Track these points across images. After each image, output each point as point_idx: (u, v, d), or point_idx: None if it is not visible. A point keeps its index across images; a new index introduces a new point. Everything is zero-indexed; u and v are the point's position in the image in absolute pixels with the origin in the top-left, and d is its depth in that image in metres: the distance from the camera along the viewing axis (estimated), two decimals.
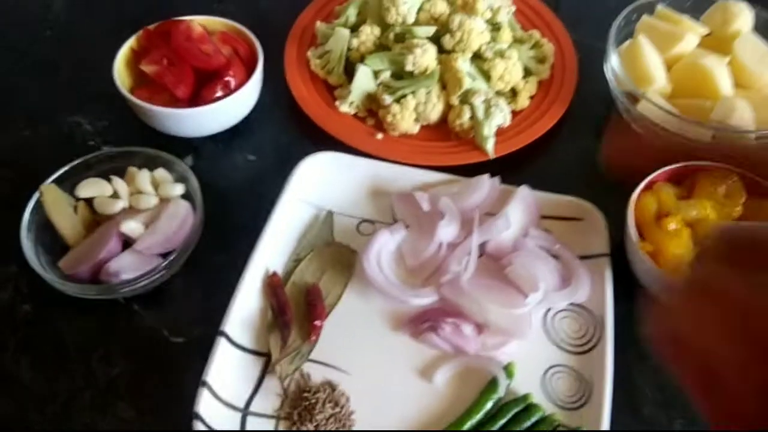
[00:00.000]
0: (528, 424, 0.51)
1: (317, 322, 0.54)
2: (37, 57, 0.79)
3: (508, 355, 0.54)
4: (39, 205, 0.58)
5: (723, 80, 0.66)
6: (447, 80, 0.70)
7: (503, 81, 0.70)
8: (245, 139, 0.71)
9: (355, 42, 0.72)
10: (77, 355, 0.54)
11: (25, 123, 0.71)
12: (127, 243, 0.58)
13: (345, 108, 0.71)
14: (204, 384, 0.50)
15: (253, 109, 0.71)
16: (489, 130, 0.67)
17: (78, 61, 0.78)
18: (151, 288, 0.56)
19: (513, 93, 0.72)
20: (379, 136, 0.69)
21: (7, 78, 0.77)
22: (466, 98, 0.69)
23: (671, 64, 0.69)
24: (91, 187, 0.59)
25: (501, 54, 0.71)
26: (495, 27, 0.74)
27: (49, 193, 0.57)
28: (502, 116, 0.68)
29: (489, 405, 0.51)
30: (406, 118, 0.69)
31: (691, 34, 0.70)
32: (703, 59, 0.67)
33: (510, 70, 0.70)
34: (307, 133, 0.70)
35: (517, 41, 0.76)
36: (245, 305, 0.55)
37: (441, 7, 0.73)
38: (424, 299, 0.56)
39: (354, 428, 0.51)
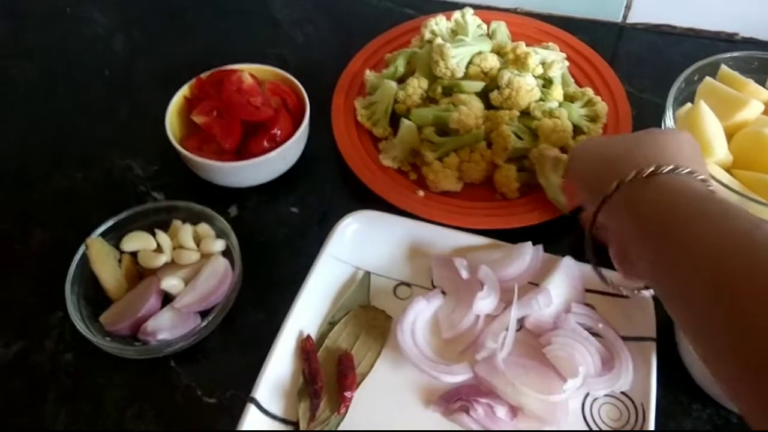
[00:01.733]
0: None
1: (347, 394, 0.54)
2: (95, 97, 0.82)
3: None
4: (85, 257, 0.59)
5: None
6: (492, 138, 0.69)
7: (551, 141, 0.68)
8: (289, 189, 0.71)
9: (401, 95, 0.72)
10: (113, 411, 0.55)
11: (79, 165, 0.74)
12: (167, 296, 0.59)
13: (388, 162, 0.70)
14: None
15: (299, 159, 0.72)
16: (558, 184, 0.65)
17: (134, 104, 0.80)
18: (188, 346, 0.57)
19: (562, 151, 0.70)
20: (421, 193, 0.68)
21: (65, 116, 0.80)
22: (513, 156, 0.68)
23: (733, 133, 0.65)
24: (136, 241, 0.60)
25: (550, 113, 0.69)
26: (546, 83, 0.72)
27: (95, 246, 0.59)
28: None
29: None
30: (448, 176, 0.68)
31: (756, 101, 0.66)
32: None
33: (558, 129, 0.68)
34: (351, 185, 0.70)
35: (569, 98, 0.73)
36: (277, 369, 0.55)
37: (492, 62, 0.72)
38: (458, 377, 0.55)
39: None
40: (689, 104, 0.68)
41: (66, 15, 0.93)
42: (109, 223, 0.61)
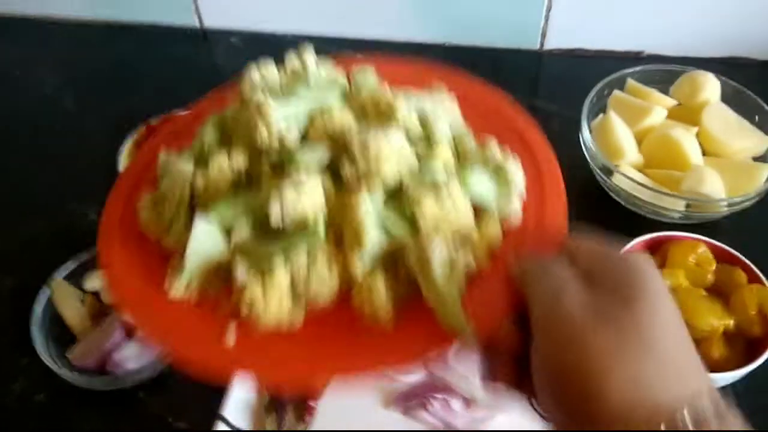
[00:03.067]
0: None
1: (311, 403, 0.57)
2: (45, 148, 0.85)
3: (497, 428, 0.56)
4: (49, 299, 0.62)
5: (692, 150, 0.70)
6: (344, 234, 0.40)
7: (439, 230, 0.40)
8: None
9: (201, 180, 0.43)
10: None
11: (35, 214, 0.76)
12: (133, 330, 0.62)
13: (177, 291, 0.41)
14: None
15: None
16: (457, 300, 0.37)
17: (87, 155, 0.83)
18: (155, 375, 0.60)
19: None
20: (232, 336, 0.39)
21: (15, 168, 0.83)
22: (385, 259, 0.40)
23: (642, 137, 0.73)
24: (98, 280, 0.63)
25: (434, 188, 0.40)
26: (427, 143, 0.44)
27: (58, 288, 0.62)
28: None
29: None
30: (275, 304, 0.39)
31: (659, 107, 0.74)
32: (672, 130, 0.71)
33: (449, 213, 0.40)
34: None
35: (463, 160, 0.45)
36: (244, 387, 0.58)
37: (342, 120, 0.44)
38: (414, 376, 0.59)
39: None
40: (602, 115, 0.76)
41: (15, 77, 0.96)
42: (71, 266, 0.64)
